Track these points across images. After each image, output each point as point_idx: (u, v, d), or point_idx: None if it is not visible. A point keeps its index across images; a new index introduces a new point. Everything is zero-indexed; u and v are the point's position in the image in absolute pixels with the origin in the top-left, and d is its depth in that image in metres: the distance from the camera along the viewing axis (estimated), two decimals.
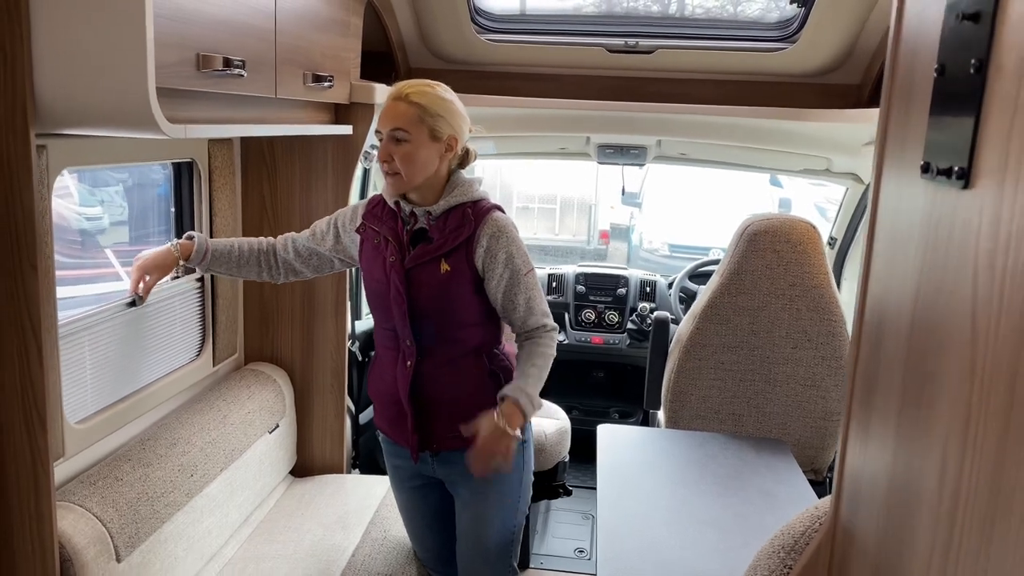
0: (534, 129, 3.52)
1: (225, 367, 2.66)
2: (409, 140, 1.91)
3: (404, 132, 1.91)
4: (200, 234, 2.16)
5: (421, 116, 1.91)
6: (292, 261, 2.21)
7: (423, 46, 3.19)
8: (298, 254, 2.20)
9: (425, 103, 1.92)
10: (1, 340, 1.56)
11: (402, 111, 1.92)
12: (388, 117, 1.94)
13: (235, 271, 2.20)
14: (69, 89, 1.48)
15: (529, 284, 2.01)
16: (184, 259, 2.11)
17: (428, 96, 1.93)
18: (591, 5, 3.30)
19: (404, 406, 2.03)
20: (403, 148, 1.92)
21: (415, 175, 1.94)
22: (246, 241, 2.21)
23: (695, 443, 2.59)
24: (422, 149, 1.92)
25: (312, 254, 2.20)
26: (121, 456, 2.00)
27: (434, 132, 1.93)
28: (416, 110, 1.92)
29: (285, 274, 2.23)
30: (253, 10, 1.89)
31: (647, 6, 3.28)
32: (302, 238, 2.22)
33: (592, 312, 4.11)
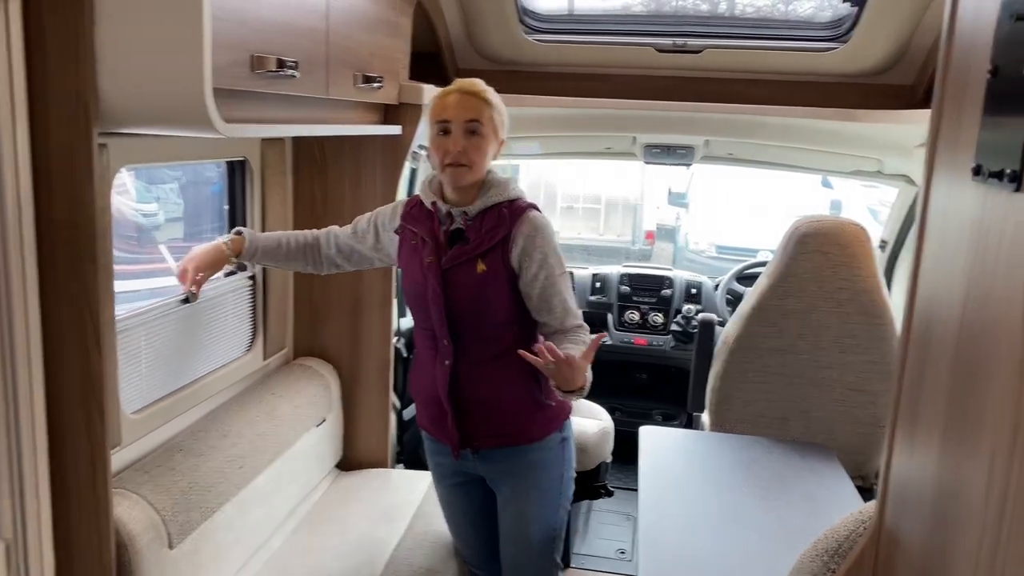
0: (580, 129, 3.53)
1: (275, 361, 2.72)
2: (483, 133, 1.97)
3: (479, 124, 1.96)
4: (249, 230, 2.21)
5: (491, 113, 1.99)
6: (334, 256, 2.26)
7: (470, 47, 3.21)
8: (339, 250, 2.25)
9: (495, 102, 2.01)
10: (62, 332, 1.61)
11: (476, 105, 1.98)
12: (462, 108, 1.96)
13: (282, 264, 2.29)
14: (130, 89, 1.53)
15: (565, 286, 2.03)
16: (235, 255, 2.16)
17: (494, 96, 2.02)
18: (639, 4, 3.29)
19: (444, 405, 2.05)
20: (476, 140, 1.97)
21: (480, 168, 2.00)
22: (292, 235, 2.26)
23: (739, 446, 2.57)
24: (491, 144, 2.00)
25: (353, 251, 2.25)
26: (174, 446, 2.06)
27: (497, 129, 2.01)
28: (488, 107, 1.99)
29: (328, 267, 2.30)
30: (306, 12, 1.93)
31: (696, 5, 3.26)
32: (344, 235, 2.26)
33: (636, 313, 4.10)
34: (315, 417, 2.63)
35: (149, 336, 2.07)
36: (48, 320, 1.60)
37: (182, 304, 2.19)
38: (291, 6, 1.85)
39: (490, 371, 2.05)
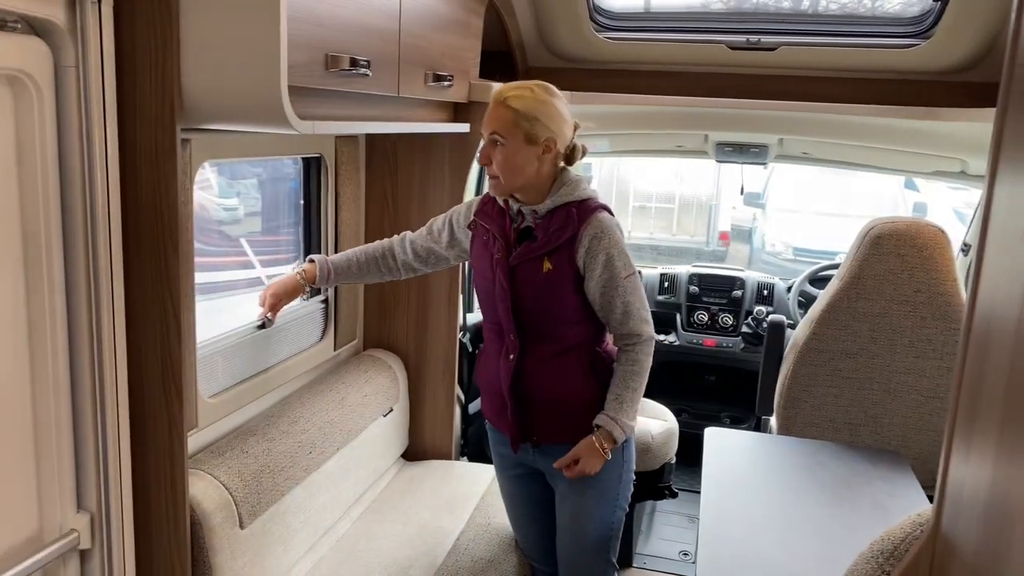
0: (651, 126, 3.51)
1: (345, 352, 2.80)
2: (505, 144, 1.96)
3: (500, 136, 1.96)
4: (321, 255, 2.28)
5: (516, 120, 1.95)
6: (411, 261, 2.30)
7: (541, 45, 3.23)
8: (416, 254, 2.29)
9: (521, 107, 1.95)
10: (144, 318, 1.70)
11: (500, 115, 1.97)
12: (488, 120, 2.00)
13: (358, 280, 2.34)
14: (211, 87, 1.61)
15: (628, 288, 2.01)
16: (309, 283, 2.24)
17: (525, 100, 1.96)
18: (718, 2, 3.25)
19: (505, 398, 2.08)
20: (500, 152, 1.97)
21: (512, 178, 1.98)
22: (363, 251, 2.31)
23: (806, 451, 2.52)
24: (518, 153, 1.96)
25: (430, 253, 2.29)
26: (247, 430, 2.15)
27: (530, 136, 1.95)
28: (512, 114, 1.95)
29: (405, 273, 2.33)
30: (379, 12, 1.98)
31: (778, 2, 3.21)
32: (419, 238, 2.30)
33: (705, 314, 4.05)
34: (383, 407, 2.70)
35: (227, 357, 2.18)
36: (131, 307, 1.69)
37: (258, 331, 2.28)
38: (365, 7, 1.91)
39: (553, 368, 2.07)
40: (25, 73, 1.44)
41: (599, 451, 2.03)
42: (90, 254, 1.58)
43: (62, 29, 1.48)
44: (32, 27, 1.47)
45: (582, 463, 2.04)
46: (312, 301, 2.60)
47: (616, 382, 2.06)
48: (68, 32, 1.49)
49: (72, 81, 1.52)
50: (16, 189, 1.48)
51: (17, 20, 1.44)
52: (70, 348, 1.60)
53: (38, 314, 1.53)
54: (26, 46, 1.44)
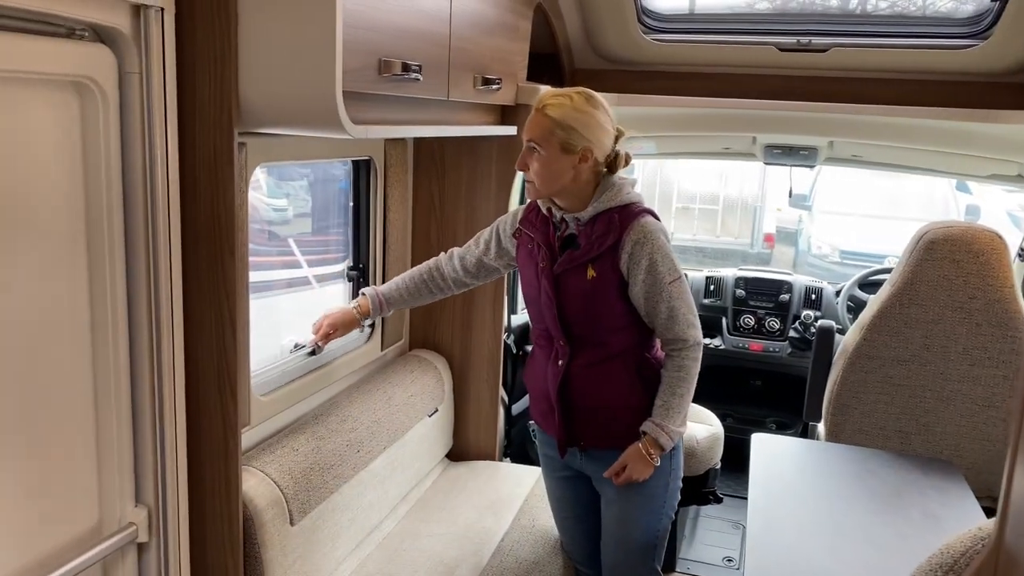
0: (698, 129, 3.48)
1: (392, 352, 2.83)
2: (541, 152, 1.96)
3: (536, 144, 1.96)
4: (370, 289, 2.32)
5: (552, 129, 1.94)
6: (461, 277, 2.32)
7: (588, 47, 3.23)
8: (466, 269, 2.31)
9: (558, 116, 1.94)
10: (201, 318, 1.75)
11: (537, 123, 1.97)
12: (527, 126, 2.00)
13: (412, 305, 2.38)
14: (268, 92, 1.64)
15: (673, 293, 1.99)
16: (364, 317, 2.29)
17: (563, 108, 1.95)
18: (765, 2, 3.22)
19: (553, 403, 2.09)
20: (536, 159, 1.97)
21: (548, 185, 1.98)
22: (410, 275, 2.34)
23: (856, 458, 2.48)
24: (553, 162, 1.95)
25: (480, 266, 2.30)
26: (297, 428, 2.19)
27: (566, 145, 1.94)
28: (549, 122, 1.94)
29: (456, 288, 2.35)
30: (431, 17, 2.00)
31: (824, 2, 3.16)
32: (467, 252, 2.32)
33: (752, 318, 4.01)
34: (428, 407, 2.72)
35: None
36: (189, 307, 1.74)
37: (308, 357, 2.33)
38: (417, 12, 1.93)
39: (600, 374, 2.07)
40: (92, 79, 1.48)
41: (646, 458, 2.02)
42: (150, 255, 1.62)
43: (127, 37, 1.52)
44: (99, 35, 1.52)
45: (629, 469, 2.03)
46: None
47: (663, 388, 2.05)
48: (132, 39, 1.53)
49: (135, 87, 1.56)
50: (82, 191, 1.53)
51: (85, 28, 1.48)
52: (130, 346, 1.65)
53: (100, 313, 1.58)
54: (93, 53, 1.49)
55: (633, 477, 2.04)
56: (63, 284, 1.51)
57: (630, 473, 2.04)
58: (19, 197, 1.40)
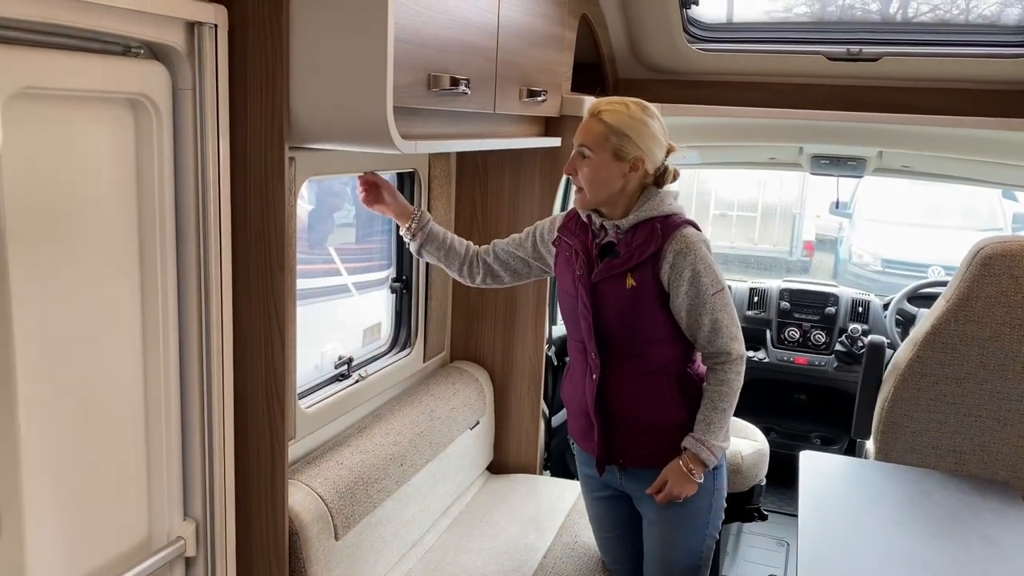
0: (743, 139, 3.44)
1: (433, 363, 2.82)
2: (592, 158, 1.94)
3: (588, 149, 1.95)
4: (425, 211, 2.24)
5: (607, 135, 1.93)
6: (491, 263, 2.25)
7: (633, 57, 3.20)
8: (497, 257, 2.26)
9: (614, 122, 1.93)
10: (250, 333, 1.75)
11: (591, 128, 1.95)
12: (579, 132, 1.98)
13: (442, 256, 2.23)
14: (319, 108, 1.64)
15: (716, 305, 1.96)
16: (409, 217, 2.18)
17: (619, 116, 1.93)
18: (803, 5, 3.17)
19: (591, 418, 2.06)
20: (586, 165, 1.95)
21: (596, 192, 1.96)
22: (457, 237, 2.28)
23: (909, 479, 2.41)
24: (604, 168, 1.94)
25: (512, 257, 2.25)
26: (341, 441, 2.18)
27: (618, 152, 1.93)
28: (603, 128, 1.93)
29: (483, 276, 2.26)
30: (479, 30, 1.99)
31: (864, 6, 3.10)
32: (503, 243, 2.28)
33: (797, 331, 3.94)
34: (469, 420, 2.71)
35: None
36: (239, 321, 1.74)
37: (339, 380, 2.32)
38: (466, 25, 1.92)
39: (639, 389, 2.03)
40: (146, 96, 1.49)
41: (687, 475, 1.98)
42: (201, 269, 1.63)
43: (181, 54, 1.53)
44: (153, 52, 1.53)
45: (670, 486, 1.99)
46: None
47: (705, 403, 2.01)
48: (186, 56, 1.54)
49: (188, 103, 1.57)
50: (135, 206, 1.54)
51: (140, 46, 1.50)
52: (180, 359, 1.65)
53: (152, 325, 1.59)
54: (147, 70, 1.50)
55: (674, 494, 2.00)
56: (115, 297, 1.52)
57: (671, 490, 2.00)
58: (74, 212, 1.41)
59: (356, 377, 2.34)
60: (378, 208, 2.18)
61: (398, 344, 2.66)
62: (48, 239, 1.36)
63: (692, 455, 1.98)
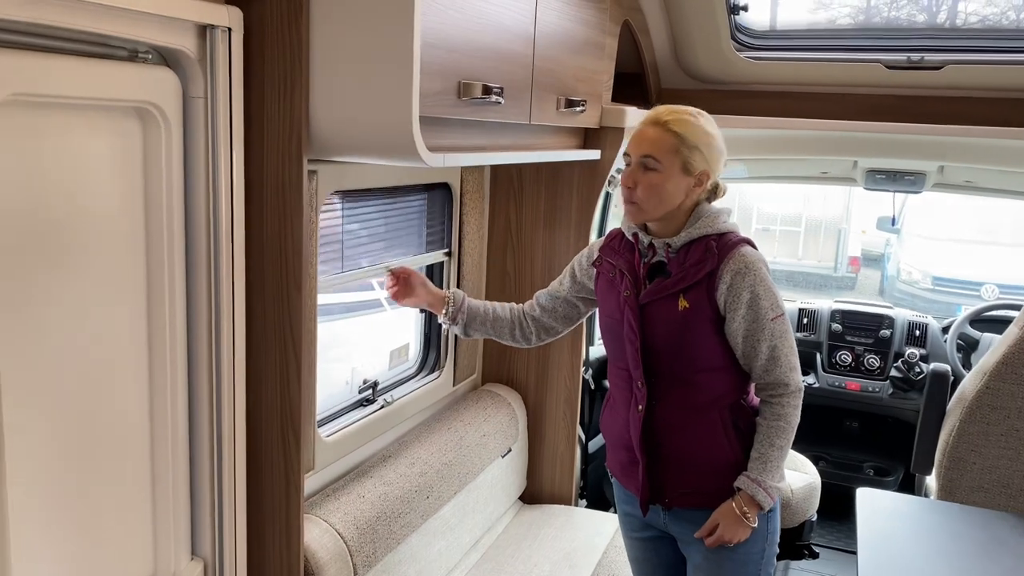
0: (794, 152, 3.26)
1: (464, 387, 2.69)
2: (659, 170, 1.79)
3: (654, 160, 1.79)
4: (461, 292, 2.12)
5: (677, 146, 1.78)
6: (540, 317, 2.11)
7: (677, 65, 3.06)
8: (544, 309, 2.11)
9: (685, 133, 1.79)
10: (264, 356, 1.63)
11: (657, 137, 1.80)
12: (641, 141, 1.82)
13: (489, 328, 2.10)
14: (340, 118, 1.53)
15: (776, 331, 1.81)
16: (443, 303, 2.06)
17: (690, 126, 1.80)
18: (859, 11, 2.99)
19: (635, 453, 1.90)
20: (649, 177, 1.79)
21: (656, 207, 1.81)
22: (499, 303, 2.14)
23: (978, 521, 2.21)
24: (670, 181, 1.79)
25: (557, 303, 2.11)
26: (364, 471, 2.06)
27: (687, 165, 1.79)
28: (673, 139, 1.79)
29: (537, 334, 2.12)
30: (514, 36, 1.87)
31: (927, 15, 2.92)
32: (544, 291, 2.14)
33: (849, 354, 3.73)
34: (501, 447, 2.57)
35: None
36: (252, 345, 1.62)
37: (363, 406, 2.20)
38: (500, 31, 1.79)
39: (689, 421, 1.87)
40: (154, 105, 1.39)
41: (740, 518, 1.82)
42: (212, 287, 1.52)
43: (192, 59, 1.43)
44: (163, 57, 1.42)
45: (721, 530, 1.83)
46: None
47: (760, 439, 1.85)
48: (198, 62, 1.43)
49: (200, 112, 1.46)
50: (142, 222, 1.43)
51: (148, 51, 1.39)
52: (189, 384, 1.54)
53: (159, 347, 1.48)
54: (156, 77, 1.39)
55: (726, 539, 1.83)
56: (121, 317, 1.41)
57: (722, 534, 1.83)
58: (77, 228, 1.30)
59: (381, 402, 2.22)
60: (409, 301, 2.07)
61: (427, 367, 2.53)
62: (43, 257, 1.25)
63: (747, 497, 1.81)
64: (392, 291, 2.06)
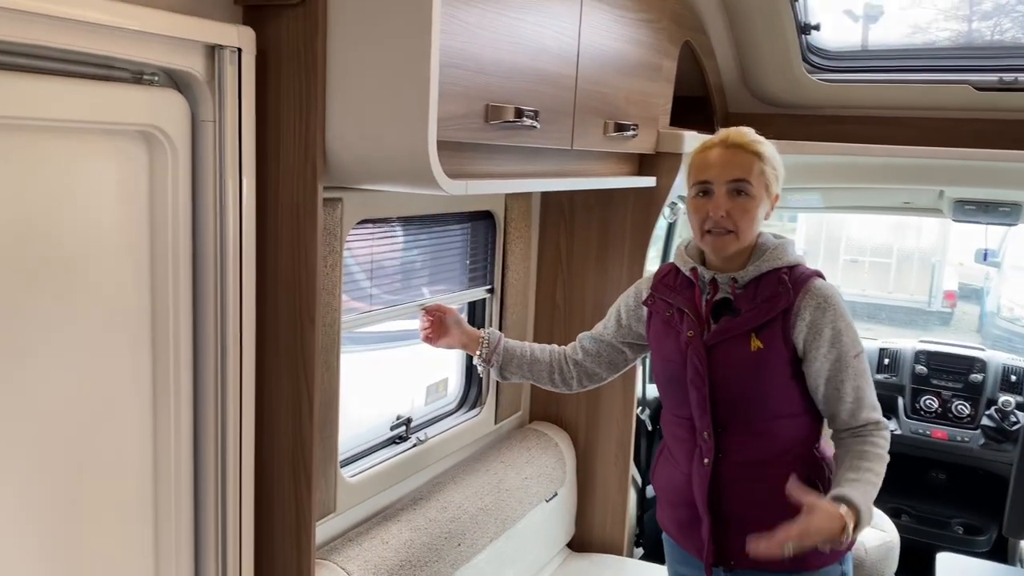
0: (871, 180, 3.04)
1: (507, 424, 2.56)
2: (752, 194, 1.67)
3: (748, 184, 1.66)
4: (497, 332, 2.01)
5: (763, 168, 1.68)
6: (582, 361, 1.98)
7: (744, 88, 2.90)
8: (586, 352, 1.98)
9: (766, 153, 1.69)
10: (276, 392, 1.55)
11: (744, 161, 1.67)
12: (725, 165, 1.67)
13: (527, 371, 1.99)
14: (356, 143, 1.44)
15: (859, 370, 1.66)
16: (478, 344, 1.96)
17: (766, 147, 1.71)
18: (946, 35, 2.77)
19: (700, 512, 1.73)
20: (743, 202, 1.66)
21: (751, 233, 1.69)
22: (539, 345, 2.03)
23: None
24: (760, 205, 1.69)
25: (602, 347, 1.97)
26: (391, 515, 1.95)
27: (769, 187, 1.69)
28: (758, 161, 1.68)
29: (578, 379, 1.99)
30: (553, 56, 1.75)
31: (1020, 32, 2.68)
32: (588, 333, 2.01)
33: (935, 400, 3.43)
34: (546, 491, 2.42)
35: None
36: (262, 381, 1.54)
37: (397, 443, 2.10)
38: (536, 51, 1.68)
39: (759, 475, 1.70)
40: (160, 129, 1.32)
41: (840, 517, 1.49)
42: (218, 321, 1.44)
43: (201, 81, 1.36)
44: (171, 79, 1.36)
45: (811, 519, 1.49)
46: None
47: (850, 463, 1.62)
48: (207, 84, 1.37)
49: (209, 136, 1.39)
50: (147, 250, 1.36)
51: (155, 72, 1.33)
52: (195, 422, 1.46)
53: (162, 382, 1.40)
54: (163, 100, 1.34)
55: (812, 530, 1.49)
56: (122, 348, 1.34)
57: (808, 526, 1.49)
58: (77, 256, 1.25)
59: (414, 440, 2.10)
60: (442, 343, 1.98)
61: (467, 403, 2.41)
62: (41, 285, 1.20)
63: (852, 510, 1.51)
64: (425, 333, 1.97)
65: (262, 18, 1.43)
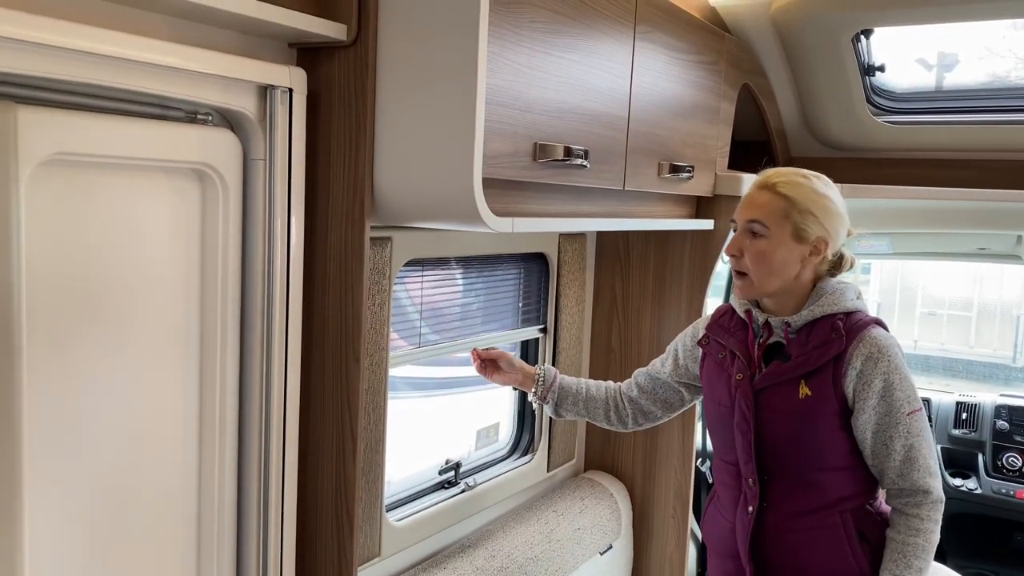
0: (945, 225, 2.93)
1: (561, 473, 2.49)
2: (766, 236, 1.61)
3: (762, 226, 1.61)
4: (553, 368, 1.98)
5: (787, 210, 1.61)
6: (637, 398, 1.94)
7: (806, 131, 2.84)
8: (641, 389, 1.94)
9: (795, 196, 1.61)
10: (320, 433, 1.54)
11: (765, 202, 1.63)
12: (748, 206, 1.66)
13: (582, 408, 1.95)
14: (403, 181, 1.45)
15: (913, 428, 1.58)
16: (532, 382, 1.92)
17: (800, 188, 1.62)
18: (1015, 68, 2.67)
19: (743, 564, 1.65)
20: (758, 244, 1.62)
21: (767, 279, 1.62)
22: (595, 381, 1.99)
23: None
24: (780, 249, 1.61)
25: (657, 385, 1.93)
26: (437, 562, 1.90)
27: (799, 231, 1.61)
28: (782, 203, 1.61)
29: (634, 416, 1.95)
30: (604, 96, 1.74)
31: None
32: (644, 369, 1.97)
33: (1018, 458, 3.23)
34: (600, 543, 2.34)
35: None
36: (307, 420, 1.53)
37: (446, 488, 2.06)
38: (586, 91, 1.68)
39: (806, 528, 1.63)
40: (212, 167, 1.35)
41: None
42: (264, 359, 1.44)
43: (253, 121, 1.39)
44: (224, 118, 1.39)
45: None
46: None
47: (893, 558, 1.59)
48: (259, 124, 1.39)
49: (260, 175, 1.41)
50: (197, 287, 1.38)
51: (209, 112, 1.36)
52: (239, 459, 1.46)
53: (208, 417, 1.41)
54: (217, 139, 1.36)
55: None
56: (171, 381, 1.35)
57: None
58: (128, 291, 1.27)
59: (463, 486, 2.06)
60: (497, 378, 1.93)
61: (519, 449, 2.36)
62: (92, 320, 1.22)
63: None
64: (479, 368, 1.95)
65: (314, 59, 1.46)
